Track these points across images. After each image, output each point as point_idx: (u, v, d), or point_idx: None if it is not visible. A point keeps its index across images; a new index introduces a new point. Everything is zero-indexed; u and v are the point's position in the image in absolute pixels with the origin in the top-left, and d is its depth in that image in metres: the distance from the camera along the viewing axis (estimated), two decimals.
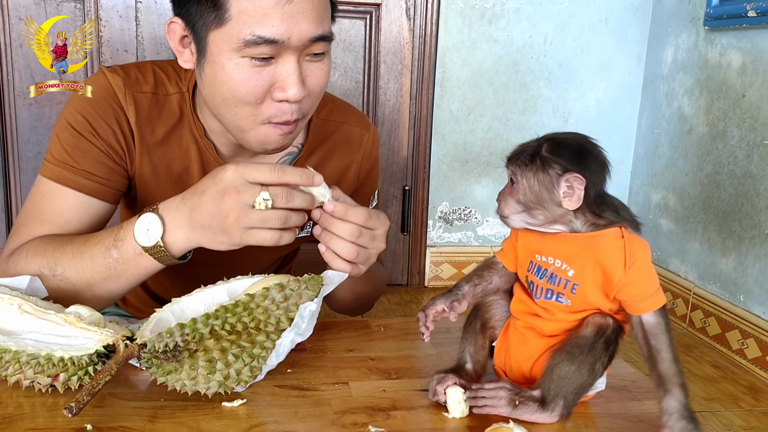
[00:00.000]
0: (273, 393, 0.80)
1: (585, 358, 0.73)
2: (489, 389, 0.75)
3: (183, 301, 0.85)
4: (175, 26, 0.92)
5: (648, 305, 0.73)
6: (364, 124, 1.15)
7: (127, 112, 1.00)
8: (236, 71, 0.87)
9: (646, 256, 0.73)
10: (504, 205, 0.75)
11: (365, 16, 2.52)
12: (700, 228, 2.34)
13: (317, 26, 0.87)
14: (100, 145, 1.00)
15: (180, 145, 1.03)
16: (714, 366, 2.07)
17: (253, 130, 0.93)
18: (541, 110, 2.67)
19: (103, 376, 0.71)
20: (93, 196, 1.00)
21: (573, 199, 0.71)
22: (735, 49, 2.17)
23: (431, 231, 2.72)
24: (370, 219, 0.86)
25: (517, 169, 0.73)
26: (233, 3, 0.84)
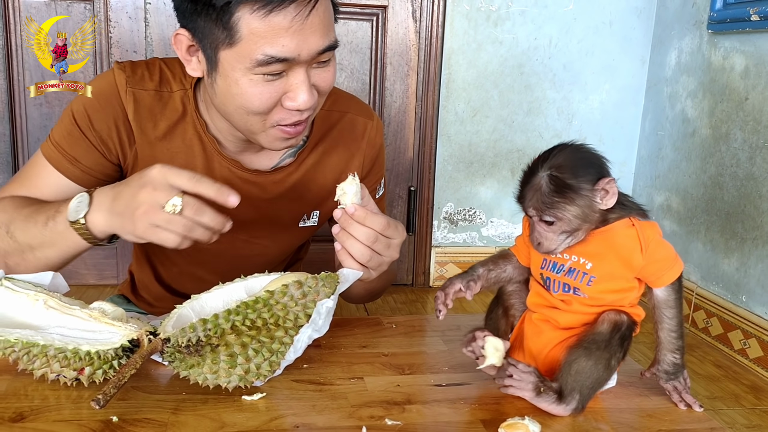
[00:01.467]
0: (291, 387, 0.82)
1: (601, 354, 0.75)
2: (520, 370, 0.77)
3: (202, 297, 0.87)
4: (182, 38, 0.93)
5: (668, 278, 0.79)
6: (368, 114, 1.18)
7: (126, 108, 1.04)
8: (250, 86, 0.89)
9: (657, 235, 0.78)
10: (548, 242, 0.77)
11: (372, 18, 2.54)
12: (703, 229, 2.36)
13: (325, 39, 0.90)
14: (92, 137, 1.04)
15: (184, 139, 1.06)
16: (716, 365, 2.09)
17: (263, 132, 0.96)
18: (546, 112, 2.69)
19: (128, 370, 0.73)
20: (73, 180, 1.06)
21: (609, 198, 0.76)
22: (738, 52, 2.20)
23: (436, 231, 2.74)
24: (389, 227, 0.89)
25: (550, 209, 0.74)
26: (243, 24, 0.85)
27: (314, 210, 1.16)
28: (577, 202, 0.74)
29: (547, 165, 0.75)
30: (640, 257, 0.76)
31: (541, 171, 0.75)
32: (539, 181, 0.75)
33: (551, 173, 0.74)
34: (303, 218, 1.15)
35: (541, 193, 0.74)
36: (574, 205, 0.74)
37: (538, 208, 0.75)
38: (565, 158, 0.75)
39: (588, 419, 0.78)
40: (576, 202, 0.74)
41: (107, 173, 1.09)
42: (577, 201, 0.74)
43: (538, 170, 0.75)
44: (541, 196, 0.74)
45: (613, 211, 0.77)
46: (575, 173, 0.74)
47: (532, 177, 0.76)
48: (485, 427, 0.75)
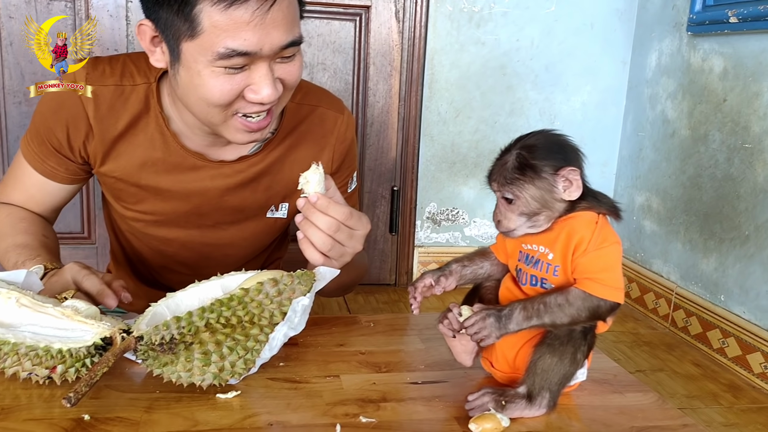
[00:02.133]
0: (266, 385, 0.82)
1: (565, 348, 0.76)
2: (473, 400, 0.77)
3: (177, 295, 0.86)
4: (145, 28, 0.93)
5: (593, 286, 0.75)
6: (339, 107, 1.17)
7: (86, 108, 1.04)
8: (211, 78, 0.90)
9: (614, 248, 0.76)
10: (507, 221, 0.78)
11: (355, 18, 2.54)
12: (682, 229, 2.38)
13: (288, 34, 0.90)
14: (49, 138, 1.07)
15: (146, 133, 1.07)
16: (695, 364, 2.11)
17: (224, 123, 0.96)
18: (528, 113, 2.71)
19: (100, 368, 0.73)
20: (47, 177, 1.12)
21: (573, 190, 0.76)
22: (717, 54, 2.22)
23: (419, 231, 2.75)
24: (351, 218, 0.89)
25: (510, 186, 0.75)
26: (204, 16, 0.85)
27: (282, 202, 1.16)
28: (536, 183, 0.75)
29: (519, 145, 0.77)
30: (583, 250, 0.75)
31: (513, 150, 0.77)
32: (508, 158, 0.77)
33: (520, 152, 0.76)
34: (271, 209, 1.16)
35: (506, 169, 0.76)
36: (533, 186, 0.75)
37: (500, 183, 0.77)
38: (537, 141, 0.77)
39: (561, 416, 0.79)
40: (535, 183, 0.75)
41: (74, 169, 1.12)
42: (536, 182, 0.75)
43: (511, 150, 0.77)
44: (505, 172, 0.76)
45: (582, 202, 0.77)
46: (541, 156, 0.75)
47: (504, 155, 0.78)
48: (459, 424, 0.75)
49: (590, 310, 0.75)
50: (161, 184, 1.09)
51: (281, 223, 1.19)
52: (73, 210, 2.45)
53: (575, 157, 0.77)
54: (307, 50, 2.51)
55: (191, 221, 1.13)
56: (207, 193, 1.10)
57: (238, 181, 1.10)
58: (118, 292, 0.92)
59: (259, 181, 1.12)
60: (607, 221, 0.78)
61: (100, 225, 2.46)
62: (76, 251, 2.48)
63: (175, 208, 1.11)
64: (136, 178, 1.09)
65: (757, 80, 2.04)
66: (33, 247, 1.06)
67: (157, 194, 1.10)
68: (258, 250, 1.24)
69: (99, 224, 2.47)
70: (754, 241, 2.03)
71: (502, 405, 0.75)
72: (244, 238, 1.18)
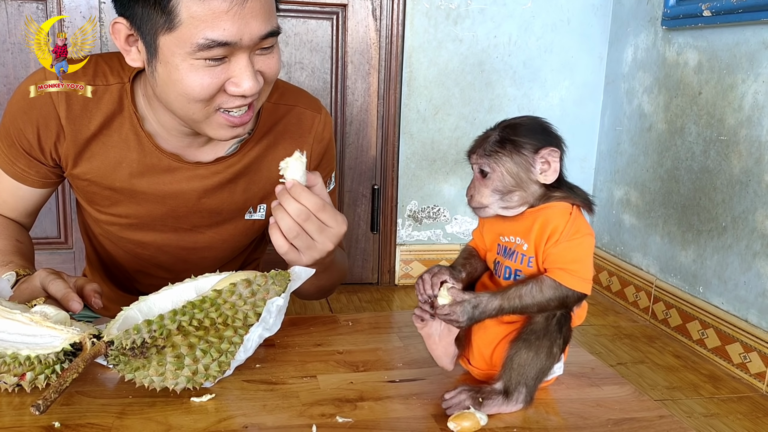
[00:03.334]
0: (242, 387, 0.81)
1: (541, 342, 0.76)
2: (450, 398, 0.76)
3: (150, 298, 0.85)
4: (120, 26, 0.92)
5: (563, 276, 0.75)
6: (316, 107, 1.16)
7: (58, 109, 1.02)
8: (190, 72, 0.89)
9: (586, 239, 0.76)
10: (479, 196, 0.77)
11: (332, 16, 2.53)
12: (660, 222, 2.40)
13: (266, 24, 0.89)
14: (19, 139, 1.05)
15: (120, 133, 1.05)
16: (675, 356, 2.13)
17: (206, 120, 0.95)
18: (507, 109, 2.71)
19: (70, 374, 0.71)
20: (18, 180, 1.10)
21: (550, 173, 0.76)
22: (691, 48, 2.24)
23: (401, 229, 2.74)
24: (324, 210, 0.89)
25: (488, 158, 0.76)
26: (183, 8, 0.85)
27: (260, 203, 1.15)
28: (515, 158, 0.75)
29: (504, 124, 0.78)
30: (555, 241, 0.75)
31: (496, 129, 0.78)
32: (491, 134, 0.78)
33: (503, 128, 0.77)
34: (249, 210, 1.15)
35: (487, 143, 0.77)
36: (510, 161, 0.75)
37: (478, 155, 0.77)
38: (522, 121, 0.78)
39: (538, 411, 0.79)
40: (513, 157, 0.75)
41: (45, 173, 1.10)
42: (514, 157, 0.75)
43: (494, 129, 0.78)
44: (486, 145, 0.76)
45: (557, 191, 0.77)
46: (524, 134, 0.76)
47: (487, 132, 0.79)
48: (436, 422, 0.75)
49: (559, 300, 0.75)
50: (136, 186, 1.07)
51: (259, 225, 1.18)
52: (49, 215, 2.42)
53: (557, 142, 0.78)
54: (285, 49, 2.50)
55: (167, 224, 1.12)
56: (183, 196, 1.09)
57: (215, 183, 1.09)
58: (89, 297, 0.91)
59: (237, 182, 1.11)
60: (581, 213, 0.78)
61: (76, 230, 2.43)
62: (53, 256, 2.45)
63: (151, 211, 1.10)
64: (110, 181, 1.07)
65: (731, 73, 2.06)
66: (5, 253, 1.05)
67: (131, 197, 1.09)
68: (236, 252, 1.23)
69: (76, 229, 2.44)
70: (732, 233, 2.05)
71: (479, 402, 0.74)
72: (222, 241, 1.16)
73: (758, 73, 1.96)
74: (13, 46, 2.28)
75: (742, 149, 2.01)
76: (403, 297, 2.62)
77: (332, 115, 2.61)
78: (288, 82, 1.20)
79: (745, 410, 1.79)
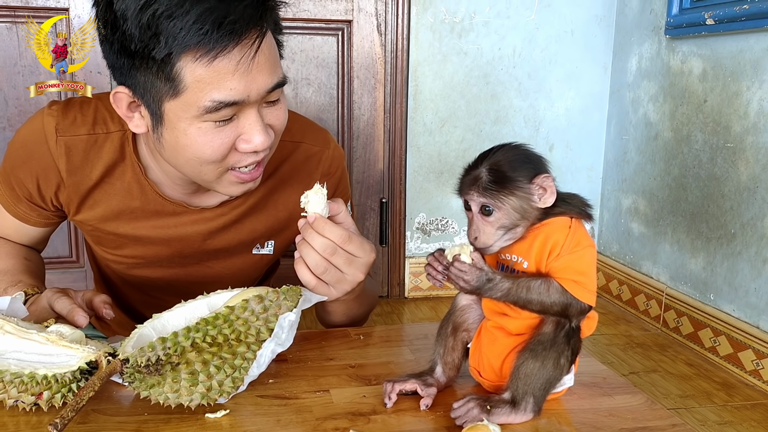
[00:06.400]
0: (255, 403, 0.82)
1: (548, 353, 0.76)
2: (458, 407, 0.77)
3: (164, 316, 0.86)
4: (121, 95, 0.89)
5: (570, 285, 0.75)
6: (324, 142, 1.13)
7: (57, 162, 1.01)
8: (199, 135, 0.86)
9: (588, 251, 0.77)
10: (485, 237, 0.77)
11: (337, 32, 2.56)
12: (669, 230, 2.40)
13: (272, 76, 0.87)
14: (19, 187, 1.05)
15: (122, 181, 1.03)
16: (688, 364, 2.12)
17: (218, 179, 0.93)
18: (513, 120, 2.72)
19: (86, 392, 0.72)
20: (20, 220, 1.09)
21: (548, 197, 0.76)
22: (695, 56, 2.25)
23: (409, 242, 2.75)
24: (350, 242, 0.87)
25: (490, 197, 0.75)
26: (187, 72, 0.82)
27: (268, 240, 1.14)
28: (516, 193, 0.75)
29: (486, 162, 0.77)
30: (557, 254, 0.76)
31: (480, 167, 0.77)
32: (479, 174, 0.76)
33: (490, 167, 0.76)
34: (256, 246, 1.13)
35: (482, 182, 0.76)
36: (514, 197, 0.75)
37: (480, 195, 0.76)
38: (504, 156, 0.77)
39: (551, 421, 0.79)
40: (515, 193, 0.75)
41: (46, 215, 1.09)
42: (516, 192, 0.75)
43: (478, 166, 0.77)
44: (482, 184, 0.76)
45: (555, 207, 0.77)
46: (512, 168, 0.76)
47: (472, 171, 0.77)
48: None
49: (562, 306, 0.75)
50: (140, 232, 1.06)
51: (267, 259, 1.17)
52: (60, 234, 2.44)
53: (543, 165, 0.78)
54: (291, 66, 2.52)
55: (175, 261, 1.11)
56: (188, 238, 1.08)
57: (220, 225, 1.08)
58: (100, 308, 0.91)
59: (242, 222, 1.09)
60: (580, 224, 0.78)
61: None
62: (64, 275, 2.47)
63: (157, 252, 1.09)
64: (113, 227, 1.06)
65: (736, 80, 2.07)
66: (14, 272, 1.05)
67: (136, 241, 1.08)
68: (245, 284, 1.23)
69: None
70: (741, 239, 2.05)
71: (487, 410, 0.75)
72: (230, 275, 1.15)
73: (763, 80, 1.96)
74: (24, 69, 2.31)
75: (749, 156, 2.01)
76: (414, 310, 2.63)
77: (339, 129, 2.63)
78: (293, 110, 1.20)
79: (759, 417, 1.78)
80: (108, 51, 0.87)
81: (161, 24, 0.79)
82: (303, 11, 2.49)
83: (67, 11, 2.29)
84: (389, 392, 0.81)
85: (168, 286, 1.14)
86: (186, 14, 0.79)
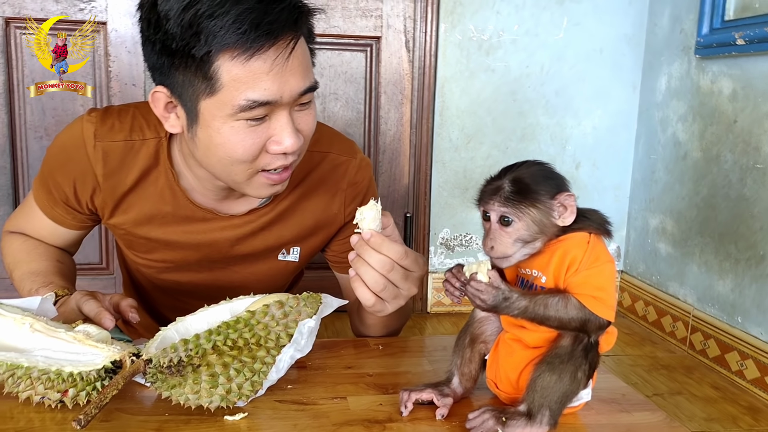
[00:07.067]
0: (273, 407, 0.83)
1: (565, 366, 0.76)
2: (473, 418, 0.77)
3: (187, 320, 0.88)
4: (160, 95, 0.92)
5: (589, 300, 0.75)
6: (351, 152, 1.15)
7: (94, 166, 1.04)
8: (232, 134, 0.89)
9: (607, 266, 0.76)
10: (502, 246, 0.77)
11: (366, 48, 2.59)
12: (697, 251, 2.37)
13: (305, 80, 0.90)
14: (57, 190, 1.09)
15: (156, 187, 1.06)
16: (714, 387, 2.08)
17: (248, 181, 0.96)
18: (539, 138, 2.72)
19: (110, 390, 0.74)
20: (56, 222, 1.13)
21: (567, 215, 0.77)
22: (726, 76, 2.23)
23: (433, 257, 2.75)
24: (406, 257, 0.87)
25: (511, 208, 0.76)
26: (224, 71, 0.84)
27: (294, 246, 1.15)
28: (537, 206, 0.76)
29: (510, 174, 0.78)
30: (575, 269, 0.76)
31: (503, 178, 0.78)
32: (501, 184, 0.77)
33: (513, 179, 0.77)
34: (282, 252, 1.15)
35: (504, 192, 0.76)
36: (534, 209, 0.75)
37: (501, 205, 0.76)
38: (527, 170, 0.78)
39: None
40: (536, 206, 0.76)
41: (80, 218, 1.13)
42: (537, 205, 0.76)
43: (501, 177, 0.78)
44: (504, 194, 0.76)
45: (574, 222, 0.78)
46: (536, 182, 0.76)
47: (495, 182, 0.78)
48: None
49: (580, 321, 0.75)
50: (170, 236, 1.10)
51: (293, 266, 1.19)
52: (92, 242, 2.49)
53: (565, 183, 0.79)
54: (320, 81, 2.52)
55: (203, 266, 1.14)
56: (216, 244, 1.11)
57: (248, 231, 1.11)
58: (126, 312, 0.94)
59: (269, 229, 1.12)
60: (600, 240, 0.78)
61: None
62: (94, 282, 2.52)
63: (186, 257, 1.13)
64: (144, 231, 1.10)
65: (766, 100, 2.04)
66: (46, 274, 1.08)
67: (166, 245, 1.11)
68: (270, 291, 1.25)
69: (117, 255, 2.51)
70: None
71: (503, 422, 0.75)
72: (257, 280, 1.17)
73: None
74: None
75: None
76: (436, 325, 2.62)
77: (365, 144, 2.65)
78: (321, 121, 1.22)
79: None
80: (150, 51, 0.91)
81: (202, 23, 0.83)
82: (333, 27, 2.53)
83: (105, 24, 2.37)
84: (405, 401, 0.82)
85: (195, 290, 1.17)
86: (226, 14, 0.82)
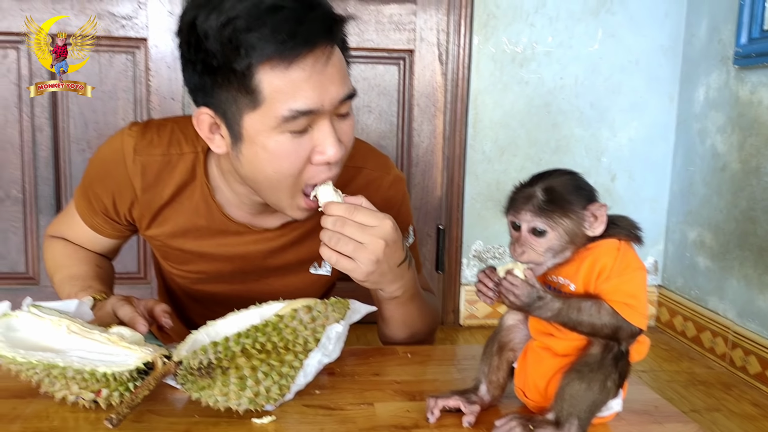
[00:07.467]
0: (301, 411, 0.84)
1: (595, 375, 0.75)
2: (500, 425, 0.76)
3: (218, 323, 0.90)
4: (204, 117, 0.94)
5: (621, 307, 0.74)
6: (384, 167, 1.16)
7: (133, 180, 1.07)
8: (278, 147, 0.90)
9: (638, 273, 0.75)
10: (533, 254, 0.77)
11: (399, 61, 2.61)
12: (736, 265, 2.31)
13: (343, 87, 0.91)
14: (96, 202, 1.12)
15: (191, 201, 1.08)
16: (754, 404, 2.02)
17: (290, 200, 0.97)
18: (574, 150, 2.70)
19: (142, 391, 0.76)
20: (95, 231, 1.16)
21: (597, 226, 0.76)
22: (765, 86, 2.18)
23: (465, 269, 2.74)
24: (356, 213, 0.90)
25: (544, 218, 0.75)
26: (265, 84, 0.86)
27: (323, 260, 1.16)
28: (571, 216, 0.75)
29: (541, 183, 0.77)
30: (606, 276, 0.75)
31: (535, 186, 0.77)
32: (534, 192, 0.76)
33: (546, 188, 0.76)
34: (314, 265, 1.17)
35: (536, 200, 0.75)
36: (568, 219, 0.75)
37: (532, 213, 0.75)
38: (559, 179, 0.77)
39: None
40: (570, 216, 0.75)
41: (119, 228, 1.16)
42: (570, 216, 0.75)
43: (532, 185, 0.77)
44: (537, 203, 0.75)
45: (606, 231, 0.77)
46: (569, 192, 0.76)
47: (526, 189, 0.77)
48: None
49: (612, 328, 0.74)
50: (204, 249, 1.12)
51: (325, 280, 1.20)
52: (130, 251, 2.55)
53: (595, 194, 0.78)
54: None
55: (236, 278, 1.16)
56: (249, 256, 1.13)
57: (280, 245, 1.12)
58: (160, 317, 0.96)
59: (301, 243, 1.13)
60: (630, 246, 0.77)
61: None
62: (132, 291, 2.56)
63: (219, 269, 1.15)
64: (179, 243, 1.12)
65: None
66: (86, 278, 1.12)
67: (200, 257, 1.13)
68: None
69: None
70: None
71: (531, 430, 0.74)
72: (288, 292, 1.15)
73: None
74: (104, 95, 2.46)
75: None
76: (468, 337, 2.61)
77: (398, 156, 2.66)
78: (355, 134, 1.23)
79: None
80: (191, 73, 0.92)
81: (240, 37, 0.85)
82: (367, 41, 2.55)
83: (145, 41, 2.43)
84: (432, 408, 0.82)
85: (227, 301, 1.18)
86: (263, 26, 0.84)
